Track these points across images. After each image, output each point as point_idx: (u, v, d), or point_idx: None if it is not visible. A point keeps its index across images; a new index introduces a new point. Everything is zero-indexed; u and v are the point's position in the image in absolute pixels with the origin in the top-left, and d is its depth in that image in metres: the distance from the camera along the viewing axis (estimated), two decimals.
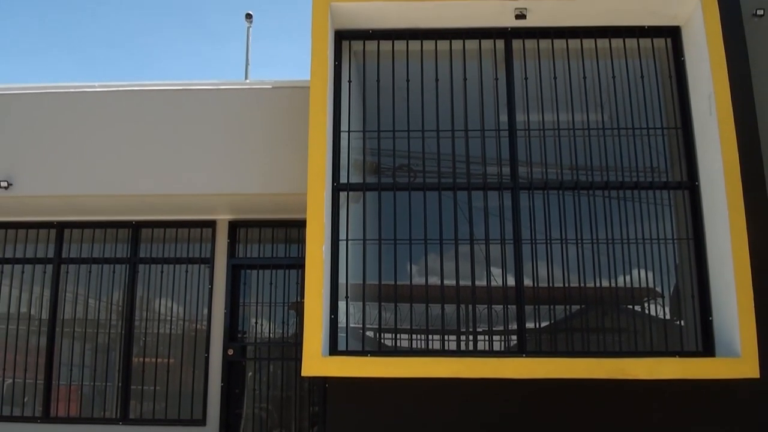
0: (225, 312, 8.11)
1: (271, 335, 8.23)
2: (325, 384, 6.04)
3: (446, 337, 6.40)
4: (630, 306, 6.49)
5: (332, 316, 6.08)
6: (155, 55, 29.02)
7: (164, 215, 8.33)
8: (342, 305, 6.19)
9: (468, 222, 6.37)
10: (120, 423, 8.01)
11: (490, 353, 6.27)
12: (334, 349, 6.05)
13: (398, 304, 6.31)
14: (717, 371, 5.66)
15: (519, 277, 6.15)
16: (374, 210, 6.38)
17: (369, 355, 5.98)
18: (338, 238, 6.26)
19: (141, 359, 8.25)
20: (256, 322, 8.27)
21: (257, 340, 8.26)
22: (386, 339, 6.48)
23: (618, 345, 6.20)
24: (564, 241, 6.30)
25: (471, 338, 6.34)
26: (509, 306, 6.16)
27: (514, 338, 6.16)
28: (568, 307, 6.35)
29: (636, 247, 6.31)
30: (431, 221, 6.30)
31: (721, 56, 6.13)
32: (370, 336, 6.48)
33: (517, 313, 6.11)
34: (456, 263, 6.23)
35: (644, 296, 6.47)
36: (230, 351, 8.02)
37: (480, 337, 6.39)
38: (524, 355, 5.94)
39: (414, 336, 6.46)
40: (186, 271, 8.41)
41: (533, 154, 6.49)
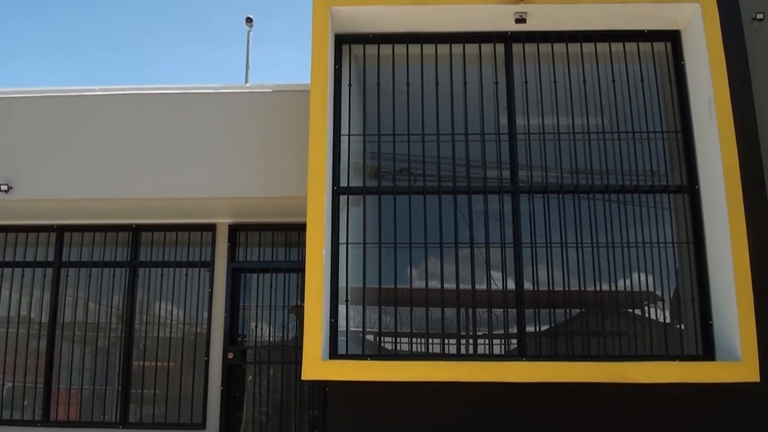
0: (225, 315, 8.11)
1: (271, 339, 8.22)
2: (325, 387, 6.03)
3: (446, 341, 6.39)
4: (630, 309, 6.49)
5: (332, 320, 6.08)
6: (156, 59, 29.08)
7: (164, 218, 8.32)
8: (342, 309, 6.18)
9: (468, 225, 6.37)
10: (120, 426, 7.99)
11: (491, 357, 6.26)
12: (334, 353, 6.05)
13: (398, 308, 6.31)
14: (717, 375, 5.66)
15: (519, 281, 6.16)
16: (374, 213, 6.38)
17: (369, 359, 5.98)
18: (338, 242, 6.26)
19: (141, 363, 8.24)
20: (256, 326, 8.27)
21: (257, 344, 8.25)
22: (386, 342, 6.48)
23: (618, 348, 6.20)
24: (564, 245, 6.30)
25: (471, 342, 6.34)
26: (509, 309, 6.16)
27: (515, 342, 6.15)
28: (569, 311, 6.35)
29: (636, 251, 6.31)
30: (431, 225, 6.30)
31: (721, 60, 6.14)
32: (370, 339, 6.47)
33: (518, 317, 6.11)
34: (456, 267, 6.23)
35: (644, 300, 6.47)
36: (230, 354, 8.01)
37: (480, 341, 6.39)
38: (524, 359, 5.94)
39: (414, 339, 6.46)
40: (186, 275, 8.40)
41: (533, 158, 6.50)
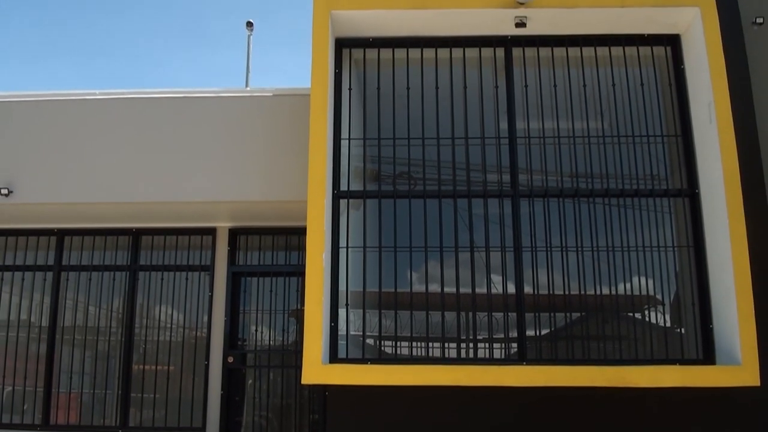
0: (225, 319, 8.10)
1: (271, 343, 8.21)
2: (325, 392, 6.02)
3: (446, 345, 6.39)
4: (630, 313, 6.48)
5: (332, 324, 6.07)
6: (156, 63, 29.07)
7: (164, 222, 8.32)
8: (342, 313, 6.18)
9: (468, 229, 6.37)
10: (120, 430, 7.98)
11: (491, 361, 6.26)
12: (334, 357, 6.04)
13: (398, 312, 6.31)
14: (718, 379, 5.66)
15: (519, 285, 6.15)
16: (374, 217, 6.38)
17: (369, 363, 5.97)
18: (338, 246, 6.26)
19: (141, 366, 8.24)
20: (256, 330, 8.26)
21: (257, 348, 8.24)
22: (386, 346, 6.48)
23: (618, 353, 6.19)
24: (564, 249, 6.30)
25: (471, 346, 6.34)
26: (509, 313, 6.15)
27: (515, 346, 6.15)
28: (569, 315, 6.34)
29: (636, 255, 6.31)
30: (431, 228, 6.30)
31: (721, 64, 6.14)
32: (371, 343, 6.47)
33: (518, 321, 6.10)
34: (456, 270, 6.23)
35: (645, 304, 6.46)
36: (230, 358, 8.00)
37: (480, 345, 6.38)
38: (525, 363, 5.93)
39: (414, 343, 6.45)
40: (186, 279, 8.40)
41: (533, 162, 6.50)
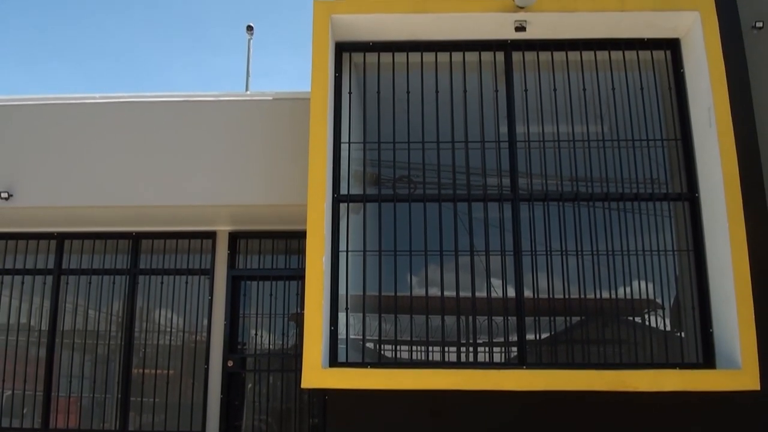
0: (225, 323, 8.09)
1: (271, 347, 8.21)
2: (325, 396, 6.02)
3: (446, 349, 6.39)
4: (630, 317, 6.48)
5: (332, 328, 6.07)
6: (156, 67, 29.13)
7: (164, 226, 8.31)
8: (342, 316, 6.18)
9: (468, 233, 6.37)
10: None
11: (491, 365, 6.25)
12: (334, 361, 6.04)
13: (398, 316, 6.31)
14: (718, 383, 5.65)
15: (519, 289, 6.15)
16: (374, 221, 6.38)
17: (369, 367, 5.97)
18: (338, 250, 6.26)
19: (140, 370, 8.22)
20: (256, 334, 8.25)
21: (257, 352, 8.23)
22: (386, 350, 6.47)
23: (618, 357, 6.18)
24: (564, 253, 6.30)
25: (471, 350, 6.33)
26: (509, 317, 6.15)
27: (515, 350, 6.15)
28: (569, 319, 6.34)
29: (636, 259, 6.31)
30: (431, 232, 6.31)
31: (721, 68, 6.15)
32: (370, 347, 6.46)
33: (518, 325, 6.10)
34: (456, 274, 6.23)
35: (644, 308, 6.46)
36: (230, 362, 7.99)
37: (480, 349, 6.37)
38: (524, 367, 5.93)
39: (414, 347, 6.45)
40: (186, 282, 8.39)
41: (533, 166, 6.50)
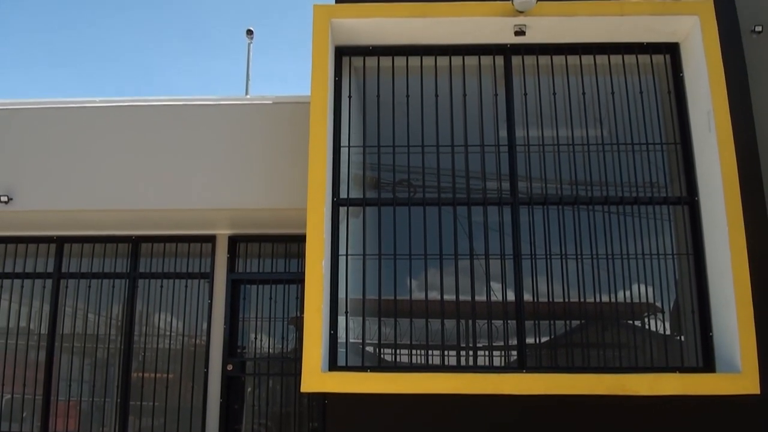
0: (224, 327, 8.08)
1: (271, 350, 8.20)
2: (325, 400, 6.02)
3: (446, 353, 6.38)
4: (630, 321, 6.48)
5: (332, 332, 6.06)
6: (156, 71, 29.11)
7: (164, 230, 8.31)
8: (342, 320, 6.17)
9: (468, 237, 6.37)
10: None
11: (490, 368, 6.24)
12: (334, 365, 6.03)
13: (398, 319, 6.30)
14: (718, 387, 5.65)
15: (519, 292, 6.15)
16: (374, 225, 6.38)
17: (368, 371, 5.97)
18: (338, 253, 6.26)
19: (140, 374, 8.22)
20: (256, 337, 8.25)
21: (257, 356, 8.22)
22: (386, 354, 6.46)
23: (618, 360, 6.19)
24: (564, 256, 6.30)
25: (471, 353, 6.33)
26: (509, 321, 6.15)
27: (514, 353, 6.14)
28: (568, 323, 6.34)
29: (636, 262, 6.31)
30: (431, 236, 6.30)
31: (720, 72, 6.15)
32: (370, 351, 6.46)
33: (517, 329, 6.10)
34: (456, 278, 6.22)
35: (644, 311, 6.46)
36: (229, 366, 7.99)
37: (480, 353, 6.37)
38: (524, 371, 5.92)
39: (414, 351, 6.44)
40: (185, 286, 8.39)
41: (533, 170, 6.50)
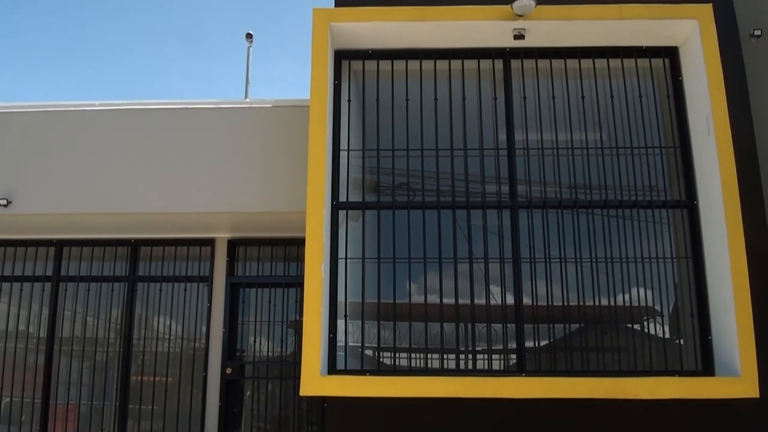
0: (223, 330, 8.08)
1: (270, 354, 8.19)
2: (324, 403, 6.00)
3: (445, 356, 6.38)
4: (629, 325, 6.48)
5: (331, 335, 6.06)
6: (155, 74, 29.16)
7: (163, 233, 8.31)
8: (341, 324, 6.17)
9: (467, 240, 6.37)
10: None
11: (490, 372, 6.24)
12: (333, 368, 6.02)
13: (397, 323, 6.30)
14: (717, 391, 5.64)
15: (518, 296, 6.15)
16: (373, 228, 6.38)
17: (368, 374, 5.95)
18: (337, 257, 6.25)
19: (139, 378, 8.21)
20: (255, 341, 8.24)
21: (256, 359, 8.22)
22: (385, 358, 6.46)
23: (617, 364, 6.18)
24: (563, 260, 6.30)
25: (470, 357, 6.33)
26: (508, 325, 6.14)
27: (514, 357, 6.14)
28: (568, 326, 6.33)
29: (635, 266, 6.31)
30: (430, 240, 6.30)
31: (719, 76, 6.16)
32: (369, 355, 6.45)
33: (516, 332, 6.09)
34: (455, 282, 6.22)
35: (643, 315, 6.45)
36: (228, 370, 7.98)
37: (479, 356, 6.37)
38: (523, 374, 5.91)
39: (413, 355, 6.44)
40: (185, 290, 8.38)
41: (532, 173, 6.51)
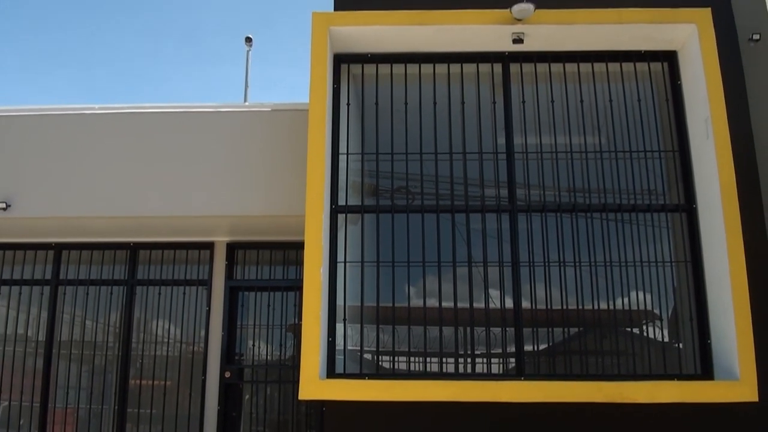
0: (222, 334, 8.07)
1: (269, 358, 8.18)
2: (323, 407, 6.00)
3: (444, 360, 6.37)
4: (628, 329, 6.47)
5: (330, 339, 6.06)
6: (155, 78, 29.19)
7: (162, 237, 8.31)
8: (340, 327, 6.16)
9: (466, 244, 6.37)
10: None
11: (489, 376, 6.23)
12: (332, 372, 6.02)
13: (396, 327, 6.30)
14: (716, 395, 5.64)
15: (517, 300, 6.15)
16: (372, 232, 6.38)
17: (367, 378, 5.95)
18: (336, 260, 6.25)
19: (138, 381, 8.19)
20: (254, 345, 8.23)
21: (255, 363, 8.20)
22: (384, 362, 6.45)
23: (617, 368, 6.18)
24: (562, 264, 6.30)
25: (469, 361, 6.32)
26: (507, 328, 6.14)
27: (513, 361, 6.13)
28: (567, 330, 6.33)
29: (634, 270, 6.31)
30: (429, 243, 6.30)
31: (718, 80, 6.17)
32: (368, 359, 6.44)
33: (516, 336, 6.09)
34: (454, 285, 6.22)
35: (642, 319, 6.45)
36: (227, 373, 7.97)
37: (478, 360, 6.36)
38: (522, 378, 5.91)
39: (412, 359, 6.43)
40: (183, 293, 8.37)
41: (531, 177, 6.51)
